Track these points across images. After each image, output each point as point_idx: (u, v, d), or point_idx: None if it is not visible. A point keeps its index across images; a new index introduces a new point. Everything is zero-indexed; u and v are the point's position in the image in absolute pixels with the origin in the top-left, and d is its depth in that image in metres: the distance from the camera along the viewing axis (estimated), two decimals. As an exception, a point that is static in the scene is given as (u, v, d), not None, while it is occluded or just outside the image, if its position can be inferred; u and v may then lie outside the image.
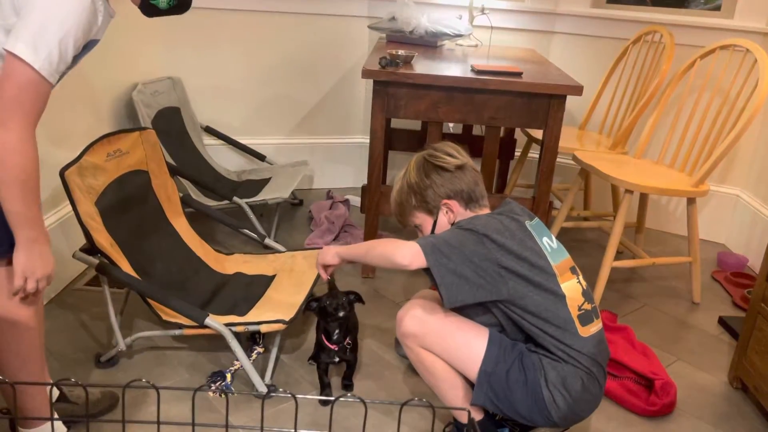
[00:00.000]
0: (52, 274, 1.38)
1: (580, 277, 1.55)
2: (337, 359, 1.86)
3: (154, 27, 2.99)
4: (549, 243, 1.53)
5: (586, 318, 1.50)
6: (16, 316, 1.37)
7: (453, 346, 1.50)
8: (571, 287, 1.49)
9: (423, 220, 1.63)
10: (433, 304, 1.56)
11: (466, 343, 1.50)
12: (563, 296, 1.47)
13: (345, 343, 1.84)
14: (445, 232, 1.50)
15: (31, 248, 1.32)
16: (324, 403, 1.87)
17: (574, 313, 1.48)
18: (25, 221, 1.29)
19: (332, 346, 1.83)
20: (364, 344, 2.14)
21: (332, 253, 1.66)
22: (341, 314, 1.77)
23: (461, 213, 1.59)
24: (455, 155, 1.60)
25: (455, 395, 1.56)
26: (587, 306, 1.51)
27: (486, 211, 1.60)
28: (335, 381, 1.96)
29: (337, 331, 1.81)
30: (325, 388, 1.89)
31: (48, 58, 1.23)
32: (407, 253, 1.44)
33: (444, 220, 1.60)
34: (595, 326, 1.52)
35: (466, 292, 1.43)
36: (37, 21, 1.22)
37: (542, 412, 1.46)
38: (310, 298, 1.96)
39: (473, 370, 1.49)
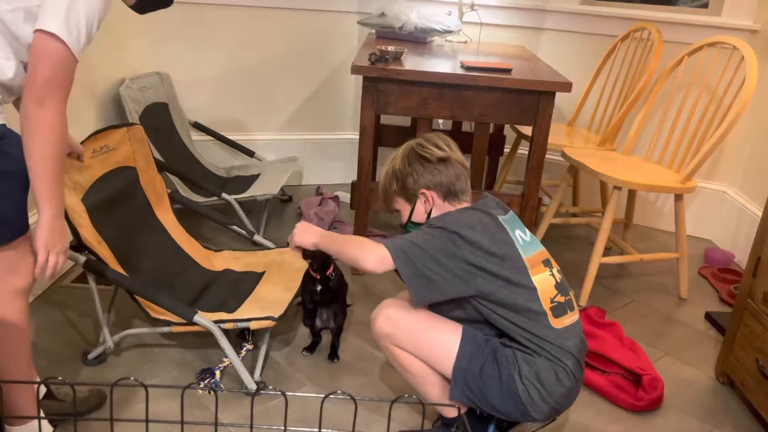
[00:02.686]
0: (68, 247, 1.42)
1: (554, 270, 1.57)
2: (319, 287, 1.96)
3: (142, 22, 2.96)
4: (522, 236, 1.55)
5: (559, 310, 1.51)
6: (5, 311, 1.36)
7: (426, 345, 1.52)
8: (543, 280, 1.51)
9: (402, 206, 1.66)
10: (406, 303, 1.57)
11: (439, 341, 1.51)
12: (534, 289, 1.49)
13: (327, 274, 1.95)
14: (415, 232, 1.52)
15: (53, 223, 1.35)
16: (313, 344, 2.06)
17: (546, 305, 1.49)
18: (52, 196, 1.33)
19: (315, 274, 1.94)
20: (354, 341, 2.14)
21: (310, 242, 1.65)
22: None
23: (439, 204, 1.61)
24: (442, 148, 1.61)
25: (432, 391, 1.58)
26: (560, 298, 1.53)
27: (465, 205, 1.62)
28: (323, 356, 1.96)
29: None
30: (315, 335, 2.07)
31: (78, 37, 1.28)
32: (372, 259, 1.47)
33: (421, 209, 1.62)
34: (570, 318, 1.53)
35: (434, 292, 1.47)
36: (65, 3, 1.26)
37: (518, 406, 1.47)
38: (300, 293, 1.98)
39: (448, 367, 1.50)
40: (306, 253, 1.79)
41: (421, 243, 1.47)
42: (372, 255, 1.47)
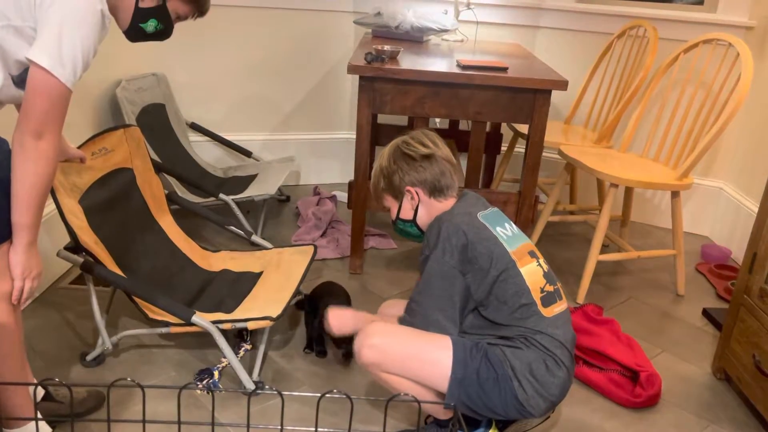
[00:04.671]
0: (42, 272, 1.43)
1: (541, 261, 1.59)
2: (343, 350, 2.01)
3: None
4: (503, 231, 1.57)
5: (548, 299, 1.53)
6: None
7: (418, 366, 1.50)
8: (531, 270, 1.53)
9: (391, 203, 1.69)
10: (389, 325, 1.55)
11: (431, 359, 1.50)
12: (523, 281, 1.51)
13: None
14: (419, 283, 1.54)
15: (30, 250, 1.37)
16: (314, 350, 2.06)
17: (536, 295, 1.51)
18: (32, 224, 1.34)
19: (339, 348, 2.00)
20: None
21: (351, 329, 1.68)
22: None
23: (425, 201, 1.63)
24: (427, 145, 1.63)
25: (428, 403, 1.59)
26: (549, 287, 1.55)
27: (452, 201, 1.63)
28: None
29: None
30: (313, 344, 2.07)
31: (73, 71, 1.29)
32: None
33: (407, 206, 1.65)
34: (559, 307, 1.55)
35: (450, 324, 1.52)
36: (60, 34, 1.26)
37: (515, 404, 1.47)
38: (298, 293, 1.98)
39: (443, 383, 1.49)
40: (338, 341, 1.90)
41: (425, 292, 1.52)
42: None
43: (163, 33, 1.54)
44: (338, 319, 1.72)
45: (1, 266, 1.36)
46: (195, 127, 3.21)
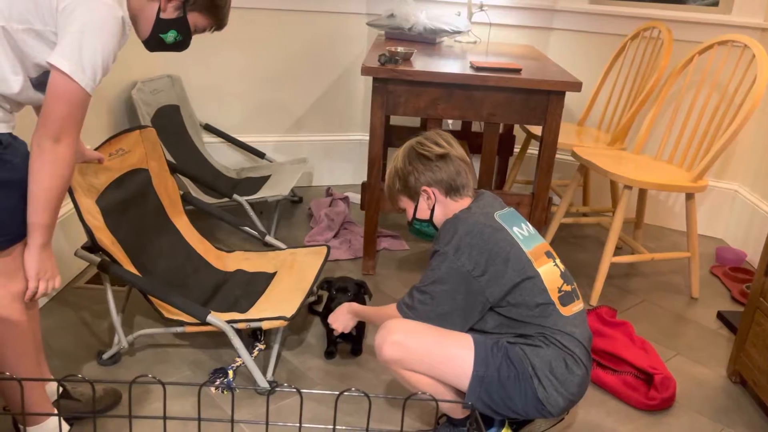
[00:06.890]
0: (58, 276, 1.44)
1: (557, 261, 1.59)
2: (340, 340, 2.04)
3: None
4: (520, 231, 1.57)
5: (566, 298, 1.54)
6: (7, 314, 1.39)
7: (440, 364, 1.51)
8: (548, 270, 1.54)
9: (407, 204, 1.69)
10: (411, 322, 1.55)
11: (453, 356, 1.50)
12: (540, 280, 1.51)
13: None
14: (426, 273, 1.55)
15: (44, 251, 1.38)
16: (328, 355, 2.06)
17: (554, 295, 1.52)
18: (47, 226, 1.37)
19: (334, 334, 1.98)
20: (365, 342, 2.15)
21: (352, 323, 1.81)
22: (345, 295, 1.98)
23: (441, 200, 1.64)
24: (441, 145, 1.64)
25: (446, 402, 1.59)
26: (567, 287, 1.56)
27: (467, 200, 1.64)
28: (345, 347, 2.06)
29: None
30: (330, 344, 2.08)
31: (93, 76, 1.32)
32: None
33: (424, 206, 1.65)
34: (576, 306, 1.56)
35: (457, 324, 1.53)
36: (81, 40, 1.29)
37: (535, 403, 1.48)
38: (311, 293, 1.99)
39: (464, 381, 1.49)
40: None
41: (432, 289, 1.53)
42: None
43: (181, 44, 1.56)
44: (341, 320, 1.77)
45: (15, 266, 1.38)
46: (209, 129, 3.24)
